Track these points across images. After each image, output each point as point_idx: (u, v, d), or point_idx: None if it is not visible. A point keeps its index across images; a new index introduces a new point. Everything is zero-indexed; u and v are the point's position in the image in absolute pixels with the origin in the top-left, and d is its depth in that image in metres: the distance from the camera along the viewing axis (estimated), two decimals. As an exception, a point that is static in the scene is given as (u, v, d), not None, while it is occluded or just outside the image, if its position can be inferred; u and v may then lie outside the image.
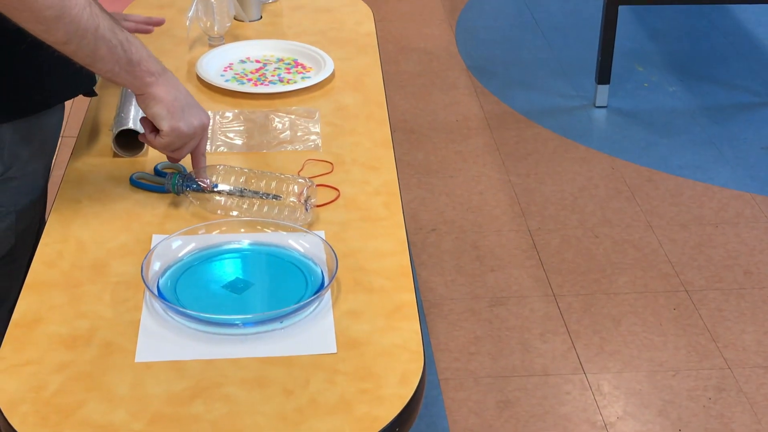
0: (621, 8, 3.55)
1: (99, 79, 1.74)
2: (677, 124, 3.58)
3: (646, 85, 3.83)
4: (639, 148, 3.44)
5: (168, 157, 1.56)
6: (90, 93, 1.69)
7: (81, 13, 1.35)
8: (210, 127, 1.73)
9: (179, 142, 1.50)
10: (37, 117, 1.59)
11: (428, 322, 2.65)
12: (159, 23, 1.91)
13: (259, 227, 1.46)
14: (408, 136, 3.48)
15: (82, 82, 1.65)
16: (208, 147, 1.68)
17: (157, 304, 1.32)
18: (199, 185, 1.51)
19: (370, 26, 2.15)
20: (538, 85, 3.83)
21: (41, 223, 1.65)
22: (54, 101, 1.62)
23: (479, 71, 3.91)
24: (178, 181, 1.52)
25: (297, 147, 1.70)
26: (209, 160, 1.63)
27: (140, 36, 1.83)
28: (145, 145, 1.64)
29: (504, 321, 2.66)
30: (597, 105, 3.67)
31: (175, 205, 1.54)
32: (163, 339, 1.27)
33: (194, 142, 1.52)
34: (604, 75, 3.62)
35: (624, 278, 2.82)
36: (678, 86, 3.82)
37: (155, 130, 1.51)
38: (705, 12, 4.35)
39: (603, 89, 3.65)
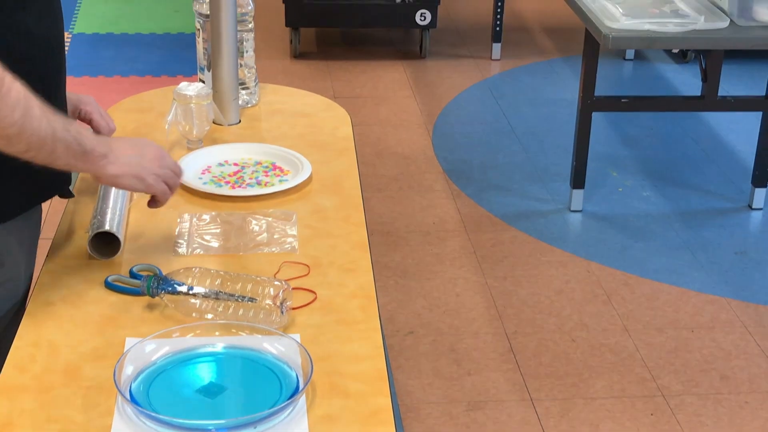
0: (595, 114, 3.61)
1: (75, 179, 1.75)
2: (652, 228, 3.61)
3: (620, 189, 3.87)
4: (614, 252, 3.46)
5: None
6: (66, 194, 1.70)
7: (40, 124, 1.38)
8: (187, 230, 1.74)
9: (158, 185, 1.57)
10: (22, 218, 1.59)
11: (405, 426, 2.62)
12: (111, 129, 1.88)
13: (234, 330, 1.46)
14: (385, 239, 3.49)
15: (58, 183, 1.66)
16: (184, 250, 1.69)
17: (130, 409, 1.30)
18: (175, 288, 1.50)
19: (347, 130, 2.17)
20: (514, 189, 3.86)
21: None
22: (32, 203, 1.62)
23: (456, 175, 3.95)
24: (153, 284, 1.52)
25: (274, 249, 1.70)
26: (185, 262, 1.63)
27: None
28: (121, 247, 1.64)
29: (481, 426, 2.63)
30: (572, 209, 3.70)
31: (150, 307, 1.53)
32: (134, 444, 1.25)
33: (165, 169, 1.58)
34: (578, 180, 3.66)
35: (601, 382, 2.81)
36: (652, 191, 3.86)
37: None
38: (677, 119, 4.43)
39: (578, 194, 3.69)
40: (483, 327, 3.04)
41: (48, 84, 1.54)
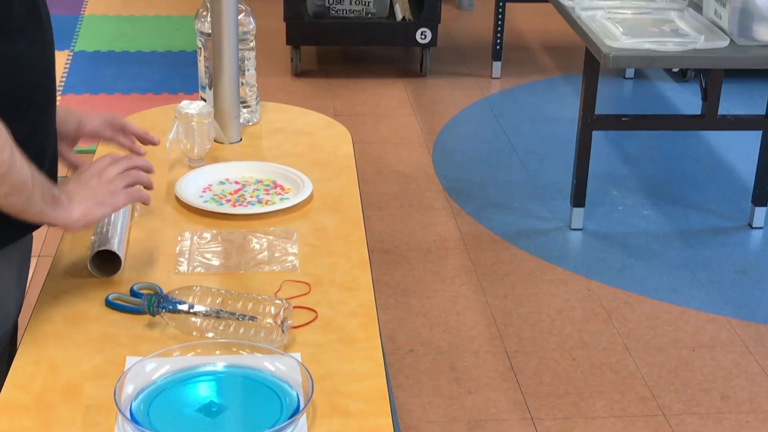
0: (595, 133, 3.61)
1: None
2: (652, 247, 3.61)
3: (620, 208, 3.87)
4: (615, 270, 3.46)
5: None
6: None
7: (22, 166, 1.40)
8: (188, 248, 1.74)
9: (121, 196, 1.57)
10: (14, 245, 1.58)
11: (405, 445, 2.62)
12: (154, 143, 1.88)
13: (234, 349, 1.45)
14: (385, 257, 3.49)
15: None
16: (185, 268, 1.68)
17: (130, 429, 1.30)
18: (176, 306, 1.50)
19: (348, 148, 2.17)
20: (515, 207, 3.86)
21: (11, 352, 1.61)
22: (24, 232, 1.60)
23: (456, 193, 3.95)
24: (153, 302, 1.51)
25: (274, 268, 1.70)
26: (187, 280, 1.63)
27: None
28: (122, 265, 1.64)
29: (481, 445, 2.63)
30: (572, 227, 3.70)
31: (150, 326, 1.53)
32: (134, 464, 1.25)
33: (116, 181, 1.57)
34: (579, 198, 3.67)
35: (602, 401, 2.80)
36: (652, 210, 3.86)
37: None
38: (678, 137, 4.43)
39: (578, 212, 3.69)
40: (483, 345, 3.04)
41: (39, 112, 1.55)
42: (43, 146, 1.56)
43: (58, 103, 1.66)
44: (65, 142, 1.75)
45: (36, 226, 1.59)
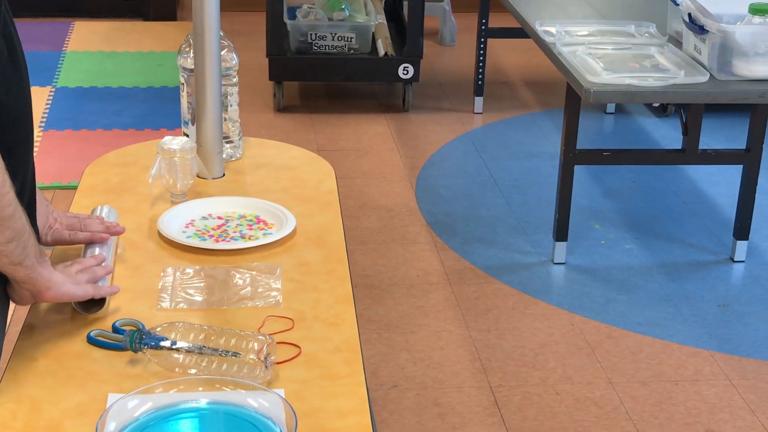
0: (577, 167, 3.63)
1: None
2: (635, 281, 3.61)
3: (603, 242, 3.89)
4: (598, 304, 3.46)
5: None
6: None
7: (21, 213, 1.42)
8: (170, 284, 1.73)
9: (87, 288, 1.59)
10: None
11: (389, 482, 2.60)
12: (118, 232, 1.84)
13: (217, 385, 1.44)
14: (369, 292, 3.48)
15: None
16: (168, 304, 1.68)
17: (112, 466, 1.29)
18: (158, 343, 1.49)
19: (331, 183, 2.17)
20: (498, 241, 3.87)
21: None
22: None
23: (439, 227, 3.95)
24: (135, 339, 1.51)
25: (258, 303, 1.70)
26: (169, 317, 1.62)
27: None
28: (105, 302, 1.64)
29: (466, 481, 2.61)
30: (555, 261, 3.71)
31: (132, 363, 1.52)
32: (116, 503, 1.23)
33: (80, 274, 1.61)
34: (561, 232, 3.68)
35: (586, 436, 2.80)
36: (634, 244, 3.88)
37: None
38: (659, 172, 4.46)
39: (561, 246, 3.70)
40: (467, 380, 3.03)
41: (17, 155, 1.55)
42: (23, 187, 1.56)
43: (39, 139, 1.68)
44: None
45: None
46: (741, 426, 2.86)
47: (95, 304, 1.64)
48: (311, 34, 4.97)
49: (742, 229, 3.74)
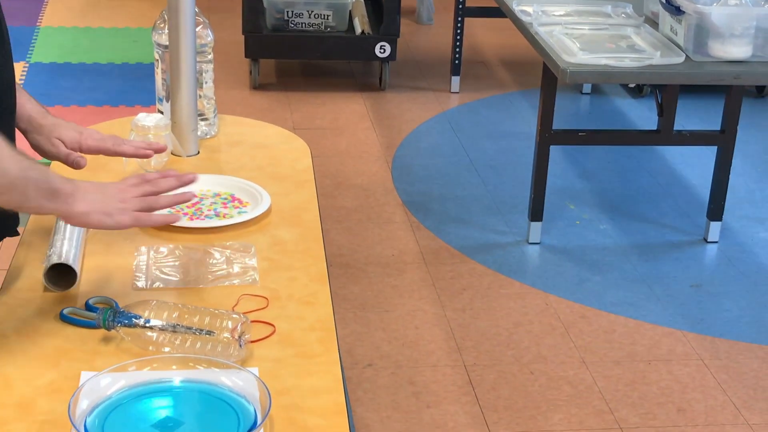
0: (552, 148, 3.64)
1: (28, 218, 1.75)
2: (609, 261, 3.63)
3: (577, 222, 3.90)
4: (572, 284, 3.47)
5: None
6: (14, 234, 1.70)
7: (9, 165, 1.39)
8: (144, 262, 1.72)
9: (126, 217, 1.55)
10: None
11: (363, 460, 2.61)
12: (160, 150, 1.92)
13: (191, 364, 1.44)
14: (344, 271, 3.48)
15: (6, 227, 1.66)
16: (143, 283, 1.67)
17: (84, 444, 1.28)
18: (131, 320, 1.49)
19: (307, 162, 2.17)
20: (473, 221, 3.87)
21: None
22: None
23: (415, 207, 3.96)
24: (109, 317, 1.50)
25: (233, 282, 1.69)
26: (144, 295, 1.62)
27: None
28: (77, 279, 1.63)
29: (440, 459, 2.62)
30: (530, 241, 3.72)
31: (105, 340, 1.51)
32: (88, 481, 1.23)
33: (130, 201, 1.56)
34: (536, 212, 3.69)
35: (559, 415, 2.81)
36: (609, 224, 3.89)
37: None
38: (634, 152, 4.47)
39: (536, 226, 3.71)
40: (442, 359, 3.04)
41: (1, 124, 1.55)
42: None
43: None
44: (53, 144, 1.79)
45: None
46: (713, 405, 2.89)
47: (67, 281, 1.63)
48: (288, 12, 4.95)
49: (715, 210, 3.76)
